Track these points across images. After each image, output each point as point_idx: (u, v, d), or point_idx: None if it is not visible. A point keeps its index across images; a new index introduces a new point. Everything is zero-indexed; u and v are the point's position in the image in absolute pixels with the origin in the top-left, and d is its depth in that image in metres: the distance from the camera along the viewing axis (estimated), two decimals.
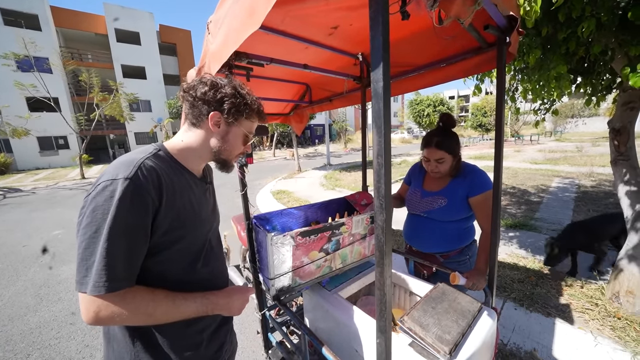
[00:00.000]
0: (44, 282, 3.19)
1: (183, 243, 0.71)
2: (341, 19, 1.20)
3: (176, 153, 0.75)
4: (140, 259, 0.63)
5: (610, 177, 6.53)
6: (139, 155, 0.66)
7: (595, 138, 17.66)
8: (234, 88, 0.75)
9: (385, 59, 0.46)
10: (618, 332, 1.83)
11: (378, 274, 0.54)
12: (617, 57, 1.60)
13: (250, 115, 0.78)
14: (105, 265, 0.55)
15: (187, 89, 0.74)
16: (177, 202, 0.69)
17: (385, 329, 0.56)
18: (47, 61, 16.23)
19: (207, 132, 0.75)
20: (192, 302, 0.68)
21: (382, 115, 0.48)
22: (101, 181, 0.59)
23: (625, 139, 1.89)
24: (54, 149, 19.06)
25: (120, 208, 0.57)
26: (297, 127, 2.69)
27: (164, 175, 0.67)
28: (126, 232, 0.58)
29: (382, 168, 0.49)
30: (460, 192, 1.34)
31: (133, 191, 0.59)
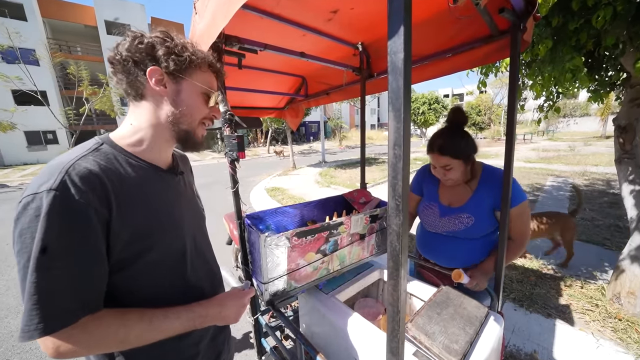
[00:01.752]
0: None
1: (155, 253, 0.59)
2: (341, 1, 1.10)
3: (127, 143, 0.61)
4: (99, 281, 0.52)
5: (604, 176, 6.62)
6: (69, 157, 0.53)
7: (586, 138, 17.97)
8: (164, 33, 0.60)
9: (407, 23, 0.37)
10: (620, 333, 1.80)
11: (391, 287, 0.46)
12: (628, 51, 1.54)
13: (199, 64, 0.63)
14: (37, 302, 0.45)
15: (112, 56, 0.59)
16: (136, 205, 0.56)
17: (397, 351, 0.48)
18: (34, 53, 15.67)
19: (154, 100, 0.61)
20: (175, 319, 0.58)
21: (402, 95, 0.39)
22: (22, 197, 0.48)
23: (631, 137, 1.84)
24: (42, 144, 18.49)
25: (49, 229, 0.45)
26: (293, 122, 2.59)
27: (110, 176, 0.53)
28: (64, 256, 0.47)
29: (399, 161, 0.40)
30: (486, 204, 1.16)
31: (62, 205, 0.46)
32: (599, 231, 3.47)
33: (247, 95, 2.13)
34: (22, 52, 13.62)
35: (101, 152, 0.56)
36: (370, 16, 1.27)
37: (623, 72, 1.88)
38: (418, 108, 18.84)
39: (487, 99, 21.95)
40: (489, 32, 1.10)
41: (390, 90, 0.40)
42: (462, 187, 1.21)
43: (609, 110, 15.54)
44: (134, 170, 0.59)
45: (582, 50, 1.63)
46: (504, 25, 1.05)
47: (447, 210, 1.25)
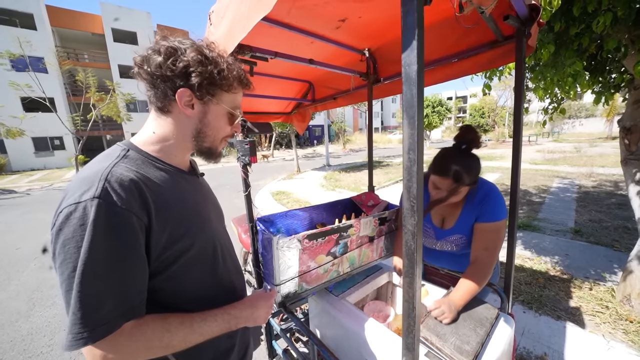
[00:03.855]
0: (37, 286, 3.10)
1: (193, 251, 0.61)
2: (350, 10, 1.14)
3: (151, 149, 0.61)
4: (142, 286, 0.53)
5: (611, 177, 6.54)
6: (103, 164, 0.52)
7: (592, 139, 17.79)
8: (198, 51, 0.57)
9: (419, 37, 0.40)
10: (631, 335, 1.78)
11: (407, 285, 0.48)
12: (630, 53, 1.56)
13: (230, 86, 0.61)
14: (84, 311, 0.45)
15: (139, 62, 0.57)
16: (171, 209, 0.57)
17: (413, 347, 0.50)
18: (43, 61, 16.07)
19: (180, 117, 0.60)
20: (213, 322, 0.60)
21: (416, 103, 0.42)
22: (62, 207, 0.48)
23: (636, 138, 1.85)
24: (49, 150, 18.82)
25: (95, 238, 0.46)
26: (299, 127, 2.63)
27: (145, 181, 0.54)
28: (111, 264, 0.47)
29: (414, 165, 0.43)
30: (471, 220, 1.13)
31: (108, 213, 0.47)
32: (608, 233, 3.44)
33: (254, 100, 2.18)
34: (31, 60, 13.98)
35: (130, 159, 0.57)
36: (377, 24, 1.31)
37: (626, 74, 1.89)
38: None
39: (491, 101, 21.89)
40: (494, 38, 1.12)
41: (404, 99, 0.43)
42: (450, 205, 1.17)
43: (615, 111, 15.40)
44: (162, 174, 0.60)
45: (585, 54, 1.65)
46: (509, 31, 1.08)
47: (440, 233, 1.25)
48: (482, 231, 1.09)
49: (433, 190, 1.12)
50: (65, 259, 0.46)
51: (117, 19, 20.37)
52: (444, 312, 0.96)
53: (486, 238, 1.08)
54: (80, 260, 0.45)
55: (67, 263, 0.46)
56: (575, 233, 3.52)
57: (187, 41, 0.59)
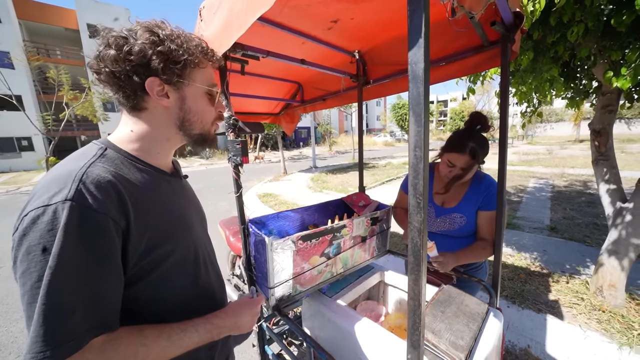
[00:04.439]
0: (1, 298, 2.85)
1: (174, 257, 0.57)
2: (343, 11, 1.15)
3: (131, 148, 0.56)
4: (115, 298, 0.48)
5: (581, 177, 7.02)
6: (77, 163, 0.48)
7: (562, 142, 19.03)
8: (149, 31, 0.52)
9: (426, 36, 0.41)
10: (604, 324, 1.91)
11: (412, 281, 0.48)
12: (599, 62, 1.68)
13: (197, 62, 0.57)
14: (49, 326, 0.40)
15: (96, 66, 0.52)
16: (151, 212, 0.53)
17: (418, 344, 0.50)
18: (8, 55, 14.97)
19: (157, 111, 0.56)
20: (193, 332, 0.56)
21: (422, 101, 0.42)
22: (29, 210, 0.43)
23: (605, 140, 1.99)
24: (16, 151, 17.50)
25: (66, 244, 0.41)
26: (288, 128, 2.61)
27: (123, 183, 0.50)
28: (82, 274, 0.43)
29: (420, 162, 0.44)
30: (474, 205, 1.24)
31: (81, 217, 0.42)
32: (580, 229, 3.68)
33: (242, 100, 2.14)
34: None
35: (108, 158, 0.52)
36: (368, 26, 1.33)
37: (595, 81, 2.04)
38: (405, 114, 19.39)
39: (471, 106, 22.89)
40: (480, 43, 1.17)
41: (410, 97, 0.43)
42: (455, 188, 1.27)
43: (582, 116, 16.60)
44: (143, 176, 0.55)
45: (560, 61, 1.76)
46: (494, 36, 1.13)
47: (441, 210, 1.32)
48: (487, 218, 1.21)
49: (446, 169, 1.21)
50: (29, 268, 0.41)
51: (92, 14, 19.39)
52: (442, 262, 1.14)
53: (491, 223, 1.18)
54: (47, 269, 0.40)
55: (30, 272, 0.41)
56: (551, 230, 3.74)
57: (135, 26, 0.53)
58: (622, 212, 1.98)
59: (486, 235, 1.24)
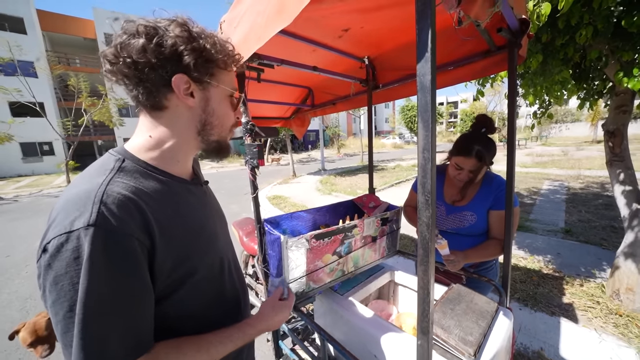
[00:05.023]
0: (29, 294, 3.02)
1: (202, 271, 0.55)
2: (353, 21, 1.21)
3: (149, 156, 0.53)
4: (150, 317, 0.47)
5: (598, 179, 6.79)
6: (95, 180, 0.45)
7: (578, 142, 18.41)
8: (182, 26, 0.48)
9: (432, 51, 0.46)
10: (621, 329, 1.86)
11: (421, 272, 0.53)
12: (610, 62, 1.67)
13: (226, 62, 0.54)
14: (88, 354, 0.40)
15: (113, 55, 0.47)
16: (176, 228, 0.51)
17: (427, 330, 0.54)
18: (33, 65, 15.82)
19: (179, 111, 0.52)
20: (229, 343, 0.56)
21: (430, 108, 0.47)
22: (50, 237, 0.40)
23: (619, 141, 1.96)
24: (38, 156, 18.38)
25: (95, 272, 0.39)
26: (298, 131, 2.68)
27: (145, 199, 0.47)
28: (115, 300, 0.42)
29: (428, 163, 0.48)
30: (486, 204, 1.26)
31: (106, 242, 0.40)
32: (596, 232, 3.58)
33: (255, 105, 2.23)
34: (21, 64, 13.75)
35: (127, 172, 0.49)
36: (377, 33, 1.38)
37: (608, 81, 2.02)
38: (414, 116, 19.26)
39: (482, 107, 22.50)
40: (487, 48, 1.21)
41: (419, 105, 0.49)
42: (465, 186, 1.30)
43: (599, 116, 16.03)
44: (164, 188, 0.52)
45: (570, 63, 1.76)
46: (501, 41, 1.16)
47: (452, 208, 1.35)
48: (499, 217, 1.22)
49: (454, 171, 1.25)
50: (59, 298, 0.40)
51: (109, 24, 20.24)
52: (453, 260, 1.16)
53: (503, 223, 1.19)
54: (79, 300, 0.39)
55: (61, 302, 0.40)
56: (565, 233, 3.65)
57: (163, 20, 0.49)
58: (638, 213, 1.94)
59: (497, 234, 1.27)
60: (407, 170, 11.02)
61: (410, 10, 1.15)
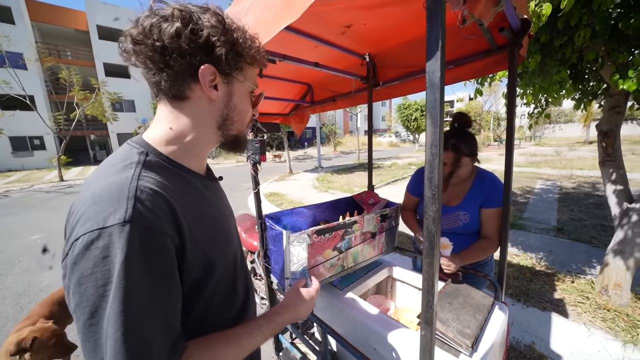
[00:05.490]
0: (24, 290, 2.98)
1: (220, 269, 0.55)
2: (356, 17, 1.21)
3: (170, 150, 0.51)
4: (179, 315, 0.46)
5: (589, 179, 6.94)
6: (124, 174, 0.43)
7: (571, 143, 18.74)
8: (217, 16, 0.46)
9: (442, 48, 0.47)
10: (608, 323, 1.93)
11: (426, 265, 0.54)
12: (606, 64, 1.71)
13: (254, 58, 0.52)
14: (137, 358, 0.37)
15: (140, 35, 0.44)
16: (200, 224, 0.50)
17: (431, 321, 0.56)
18: (22, 57, 15.36)
19: (200, 104, 0.50)
20: (259, 335, 0.55)
21: (438, 105, 0.48)
22: (80, 234, 0.37)
23: (612, 141, 2.01)
24: (28, 150, 17.98)
25: (131, 272, 0.37)
26: (297, 128, 2.67)
27: (173, 196, 0.45)
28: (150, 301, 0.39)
29: (435, 158, 0.50)
30: (478, 203, 1.28)
31: (143, 240, 0.38)
32: (587, 230, 3.67)
33: None
34: (9, 55, 13.36)
35: (152, 166, 0.47)
36: (379, 31, 1.39)
37: (603, 82, 2.06)
38: (411, 114, 19.31)
39: (477, 106, 22.69)
40: (488, 47, 1.22)
41: (428, 102, 0.50)
42: (460, 185, 1.33)
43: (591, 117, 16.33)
44: (186, 184, 0.51)
45: (567, 63, 1.79)
46: (502, 41, 1.18)
47: (446, 209, 1.37)
48: (490, 216, 1.25)
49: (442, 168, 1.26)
50: (82, 302, 0.37)
51: (102, 16, 19.77)
52: (449, 264, 1.17)
53: (494, 220, 1.24)
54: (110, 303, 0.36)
55: (83, 307, 0.37)
56: (557, 231, 3.74)
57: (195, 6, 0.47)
58: (629, 212, 1.99)
59: (489, 232, 1.27)
60: (404, 169, 11.09)
61: (414, 8, 1.15)
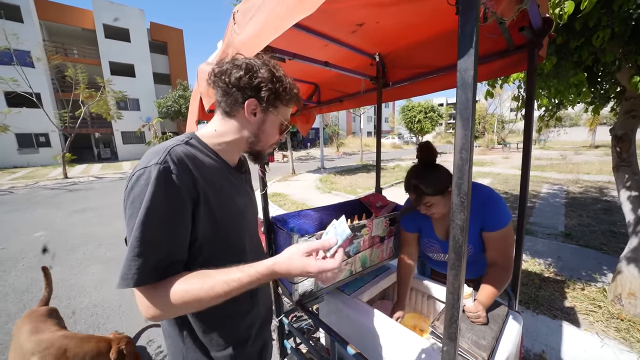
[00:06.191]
0: (26, 287, 2.97)
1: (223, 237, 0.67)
2: (369, 15, 1.18)
3: (210, 141, 0.71)
4: (184, 247, 0.60)
5: (596, 184, 6.84)
6: (168, 143, 0.64)
7: (576, 147, 18.53)
8: (270, 71, 0.68)
9: (475, 45, 0.43)
10: (622, 333, 1.87)
11: (452, 277, 0.51)
12: (624, 67, 1.66)
13: (288, 101, 0.73)
14: (137, 255, 0.52)
15: (219, 73, 0.68)
16: (214, 192, 0.65)
17: (455, 337, 0.52)
18: (30, 54, 15.52)
19: (242, 122, 0.70)
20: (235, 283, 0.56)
21: (470, 106, 0.45)
22: (135, 171, 0.57)
23: (627, 146, 1.96)
24: (34, 147, 18.12)
25: (155, 194, 0.54)
26: (303, 128, 2.64)
27: (197, 164, 0.63)
28: (163, 218, 0.55)
29: (465, 163, 0.46)
30: (476, 228, 1.12)
31: (166, 176, 0.56)
32: (596, 236, 3.59)
33: None
34: (17, 53, 13.48)
35: (191, 145, 0.66)
36: (391, 30, 1.35)
37: (618, 85, 2.01)
38: (414, 116, 19.22)
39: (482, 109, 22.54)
40: (505, 47, 1.18)
41: (459, 102, 0.46)
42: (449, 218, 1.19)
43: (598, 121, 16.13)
44: (214, 164, 0.68)
45: (582, 66, 1.74)
46: (520, 41, 1.13)
47: (446, 245, 1.25)
48: (493, 240, 1.10)
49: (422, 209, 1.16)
50: (133, 214, 0.54)
51: (109, 15, 19.92)
52: (479, 316, 1.01)
53: (499, 245, 1.10)
54: (140, 212, 0.53)
55: (134, 217, 0.54)
56: (565, 236, 3.67)
57: (258, 60, 0.69)
58: None
59: (496, 258, 1.10)
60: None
61: (429, 6, 1.12)
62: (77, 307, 2.61)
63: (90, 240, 4.35)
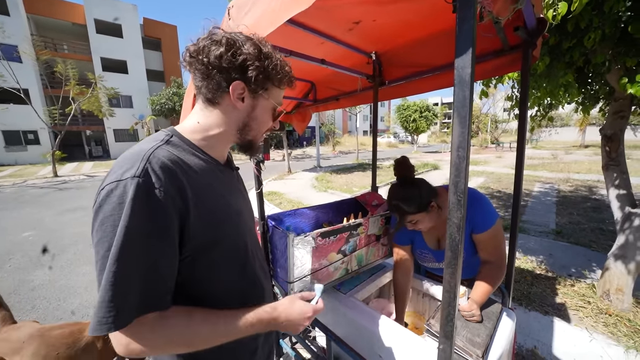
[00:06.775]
0: (14, 289, 2.90)
1: (227, 243, 0.61)
2: (366, 13, 1.17)
3: (193, 137, 0.61)
4: (171, 276, 0.52)
5: (586, 182, 6.99)
6: (146, 145, 0.53)
7: (567, 147, 18.92)
8: (256, 46, 0.57)
9: (473, 43, 0.43)
10: (610, 328, 1.92)
11: (448, 275, 0.51)
12: (613, 68, 1.69)
13: (280, 81, 0.62)
14: (115, 293, 0.44)
15: (195, 52, 0.56)
16: (206, 198, 0.57)
17: (451, 335, 0.52)
18: (17, 49, 15.09)
19: (228, 110, 0.60)
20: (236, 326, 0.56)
21: (468, 104, 0.45)
22: (105, 185, 0.48)
23: (616, 146, 2.00)
24: (21, 144, 17.66)
25: (133, 217, 0.45)
26: (299, 126, 2.63)
27: (183, 167, 0.54)
28: (144, 246, 0.46)
29: (462, 161, 0.46)
30: (467, 230, 1.11)
31: (148, 192, 0.46)
32: (585, 234, 3.68)
33: None
34: (4, 48, 13.14)
35: (173, 144, 0.57)
36: (388, 28, 1.35)
37: (607, 86, 2.05)
38: (410, 115, 19.32)
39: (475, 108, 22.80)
40: (500, 47, 1.19)
41: (456, 100, 0.46)
42: (438, 228, 1.20)
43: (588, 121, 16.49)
44: (201, 164, 0.59)
45: (573, 67, 1.77)
46: (515, 41, 1.15)
47: (439, 254, 1.27)
48: (484, 241, 1.12)
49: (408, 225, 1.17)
50: (102, 238, 0.45)
51: (100, 10, 19.46)
52: (473, 314, 1.03)
53: (490, 245, 1.12)
54: (115, 240, 0.44)
55: (103, 242, 0.45)
56: (556, 234, 3.75)
57: (241, 35, 0.58)
58: (631, 217, 1.99)
59: (488, 256, 1.12)
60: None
61: (426, 5, 1.12)
62: (67, 309, 2.56)
63: (81, 240, 4.26)
